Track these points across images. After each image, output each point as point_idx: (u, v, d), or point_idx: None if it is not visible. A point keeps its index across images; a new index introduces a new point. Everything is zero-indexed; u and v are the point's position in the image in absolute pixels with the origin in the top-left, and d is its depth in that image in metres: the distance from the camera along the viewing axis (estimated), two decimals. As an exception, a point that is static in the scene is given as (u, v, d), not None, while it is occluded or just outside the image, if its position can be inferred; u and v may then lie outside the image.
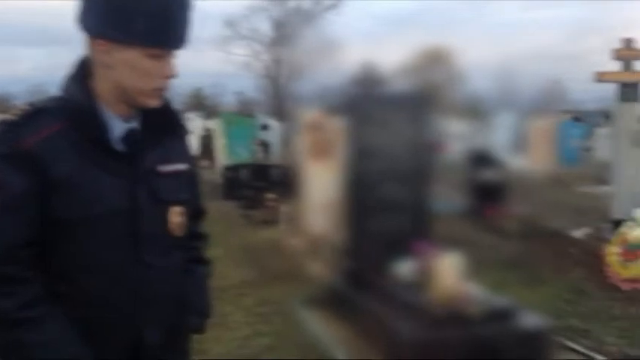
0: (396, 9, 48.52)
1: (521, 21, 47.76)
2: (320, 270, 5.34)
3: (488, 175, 8.51)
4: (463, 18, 46.13)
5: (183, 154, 1.57)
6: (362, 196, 4.59)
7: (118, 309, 1.41)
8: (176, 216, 1.51)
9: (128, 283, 1.42)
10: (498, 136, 13.81)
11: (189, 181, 1.59)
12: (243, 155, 11.82)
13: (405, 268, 4.05)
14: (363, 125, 4.65)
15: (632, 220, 5.58)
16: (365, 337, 3.95)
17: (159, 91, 1.45)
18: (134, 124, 1.46)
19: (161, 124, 1.49)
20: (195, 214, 1.67)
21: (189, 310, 1.61)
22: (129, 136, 1.43)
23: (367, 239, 4.50)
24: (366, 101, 4.89)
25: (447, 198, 8.45)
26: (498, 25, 47.98)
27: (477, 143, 11.96)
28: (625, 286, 5.19)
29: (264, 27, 29.51)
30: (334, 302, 4.55)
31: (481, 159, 8.93)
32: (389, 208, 4.54)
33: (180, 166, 1.54)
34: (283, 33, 28.87)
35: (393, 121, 4.61)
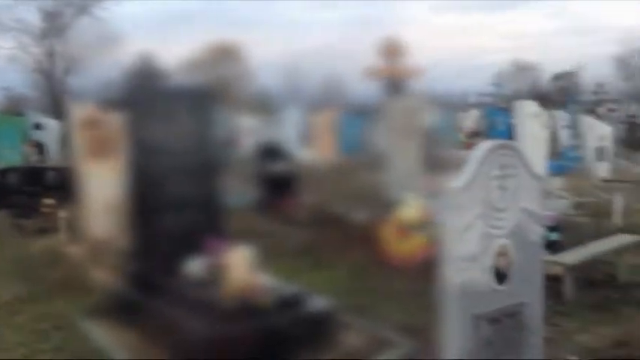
0: (184, 3, 47.55)
1: (306, 20, 50.01)
2: (105, 277, 4.99)
3: (278, 167, 8.73)
4: (250, 15, 46.97)
5: None
6: (147, 195, 4.37)
7: None
8: None
9: None
10: (286, 130, 14.35)
11: None
12: (13, 158, 10.58)
13: (195, 267, 3.95)
14: (144, 120, 4.41)
15: (404, 202, 6.14)
16: (158, 342, 3.77)
17: None
18: None
19: None
20: None
21: None
22: None
23: (155, 240, 4.30)
24: (145, 95, 4.65)
25: (240, 192, 8.52)
26: (285, 24, 49.67)
27: (267, 137, 12.24)
28: (401, 263, 5.68)
29: (33, 18, 26.85)
30: (122, 310, 4.28)
31: (271, 152, 9.14)
32: (177, 206, 4.39)
33: None
34: (55, 24, 26.54)
35: (176, 116, 4.46)
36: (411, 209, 6.03)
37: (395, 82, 7.01)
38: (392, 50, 7.17)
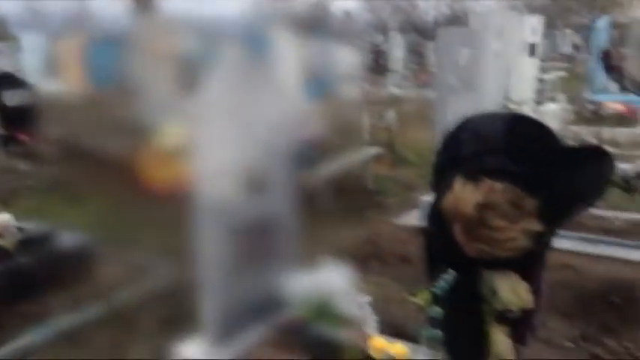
0: None
1: None
2: None
3: (16, 99, 7.89)
4: None
5: None
6: None
7: None
8: None
9: None
10: (26, 59, 12.74)
11: None
12: None
13: None
14: None
15: (161, 129, 5.90)
16: None
17: None
18: None
19: None
20: None
21: None
22: None
23: None
24: None
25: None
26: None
27: (1, 66, 10.91)
28: (162, 190, 5.50)
29: None
30: None
31: (7, 83, 8.21)
32: None
33: None
34: None
35: None
36: (169, 135, 5.82)
37: (142, 3, 6.55)
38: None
